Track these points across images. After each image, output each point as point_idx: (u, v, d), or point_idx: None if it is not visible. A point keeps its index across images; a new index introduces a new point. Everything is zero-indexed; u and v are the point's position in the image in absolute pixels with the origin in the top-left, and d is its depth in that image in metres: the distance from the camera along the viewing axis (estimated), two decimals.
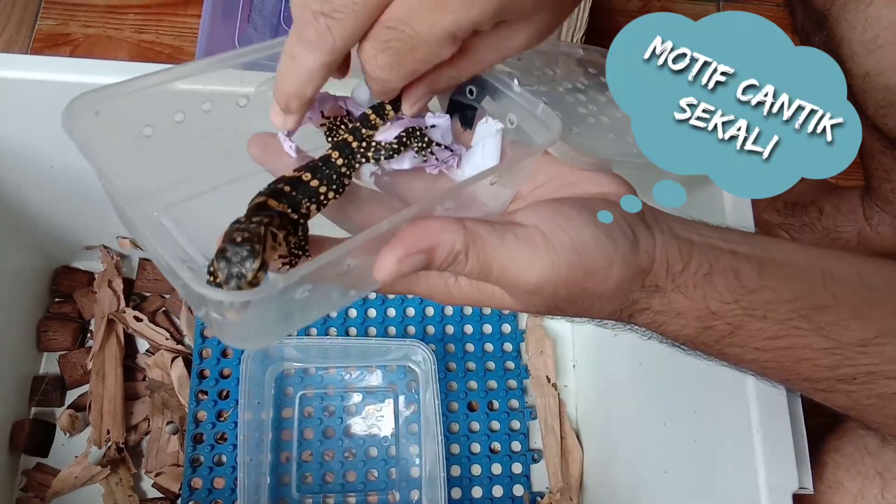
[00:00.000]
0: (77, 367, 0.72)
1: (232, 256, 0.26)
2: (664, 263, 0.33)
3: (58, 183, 0.63)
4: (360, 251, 0.29)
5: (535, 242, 0.31)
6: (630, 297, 0.33)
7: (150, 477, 0.69)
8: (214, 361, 0.73)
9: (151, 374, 0.73)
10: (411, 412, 0.74)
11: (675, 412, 0.57)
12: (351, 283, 0.31)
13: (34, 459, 0.70)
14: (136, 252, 0.76)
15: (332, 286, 0.31)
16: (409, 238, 0.29)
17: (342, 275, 0.30)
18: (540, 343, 0.79)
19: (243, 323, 0.28)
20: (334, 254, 0.27)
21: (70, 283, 0.76)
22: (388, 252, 0.29)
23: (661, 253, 0.33)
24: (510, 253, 0.30)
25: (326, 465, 0.71)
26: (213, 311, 0.27)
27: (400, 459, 0.72)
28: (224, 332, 0.29)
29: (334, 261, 0.28)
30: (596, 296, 0.32)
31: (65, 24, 0.91)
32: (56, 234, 0.73)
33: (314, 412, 0.73)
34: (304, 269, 0.27)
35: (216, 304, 0.26)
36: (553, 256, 0.31)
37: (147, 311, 0.75)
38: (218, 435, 0.71)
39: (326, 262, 0.27)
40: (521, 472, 0.73)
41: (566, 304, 0.33)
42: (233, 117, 0.35)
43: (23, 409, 0.71)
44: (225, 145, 0.35)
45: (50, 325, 0.74)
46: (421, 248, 0.29)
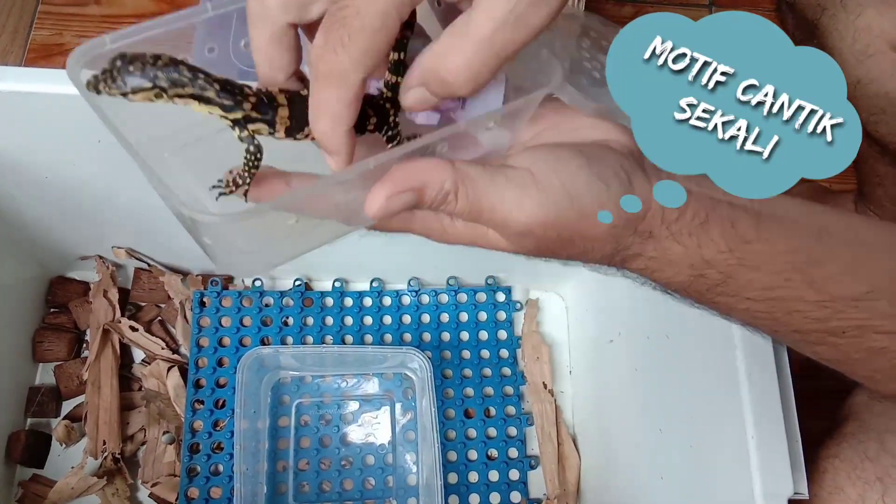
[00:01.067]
0: (73, 378, 0.72)
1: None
2: (659, 210, 0.33)
3: (52, 194, 0.63)
4: (347, 186, 0.30)
5: (525, 184, 0.31)
6: (623, 243, 0.33)
7: (146, 487, 0.69)
8: (210, 371, 0.73)
9: (147, 383, 0.72)
10: (408, 420, 0.73)
11: (671, 418, 0.57)
12: (346, 217, 0.32)
13: (30, 471, 0.70)
14: (131, 262, 0.76)
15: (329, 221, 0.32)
16: (398, 176, 0.29)
17: (337, 208, 0.31)
18: (536, 349, 0.79)
19: (236, 247, 0.29)
20: (320, 187, 0.29)
21: (65, 294, 0.76)
22: (378, 189, 0.29)
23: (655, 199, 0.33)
24: (501, 194, 0.31)
25: (323, 473, 0.71)
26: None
27: (397, 467, 0.72)
28: (219, 258, 0.30)
29: (321, 193, 0.29)
30: (588, 239, 0.33)
31: (59, 34, 0.91)
32: (51, 244, 0.73)
33: (311, 420, 0.73)
34: (287, 197, 0.28)
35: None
36: (542, 198, 0.31)
37: (142, 321, 0.75)
38: (214, 444, 0.70)
39: (310, 193, 0.29)
40: (519, 479, 0.73)
41: (558, 247, 0.33)
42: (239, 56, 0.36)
43: (19, 420, 0.71)
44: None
45: (45, 336, 0.73)
46: (411, 186, 0.29)
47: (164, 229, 0.71)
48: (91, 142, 0.55)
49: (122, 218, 0.68)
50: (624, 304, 0.68)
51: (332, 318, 0.77)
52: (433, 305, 0.79)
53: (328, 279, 0.80)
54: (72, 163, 0.59)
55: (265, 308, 0.77)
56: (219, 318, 0.75)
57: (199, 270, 0.78)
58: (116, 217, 0.68)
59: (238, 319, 0.76)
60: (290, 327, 0.76)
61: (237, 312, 0.76)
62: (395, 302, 0.79)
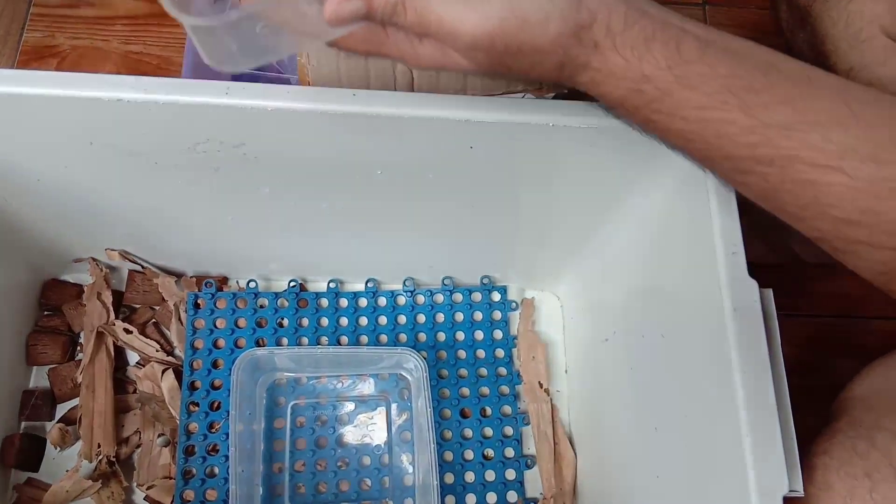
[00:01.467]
0: (67, 381, 0.72)
1: None
2: (605, 21, 0.35)
3: (45, 196, 0.63)
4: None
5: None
6: (570, 53, 0.35)
7: (141, 490, 0.69)
8: (205, 373, 0.73)
9: (142, 386, 0.72)
10: (404, 420, 0.73)
11: (667, 417, 0.57)
12: (313, 29, 0.36)
13: (25, 474, 0.69)
14: (125, 264, 0.76)
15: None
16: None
17: (299, 18, 0.35)
18: (532, 349, 0.79)
19: (219, 45, 0.35)
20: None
21: (59, 297, 0.76)
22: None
23: (603, 12, 0.35)
24: (445, 6, 0.33)
25: (319, 474, 0.71)
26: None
27: (393, 468, 0.72)
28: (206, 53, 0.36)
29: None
30: (535, 50, 0.35)
31: (52, 36, 0.91)
32: (44, 247, 0.72)
33: (306, 422, 0.73)
34: (250, 7, 0.33)
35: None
36: (485, 7, 0.33)
37: (137, 323, 0.75)
38: (209, 446, 0.70)
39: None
40: (515, 479, 0.73)
41: (510, 59, 0.36)
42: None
43: (13, 424, 0.71)
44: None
45: (39, 339, 0.73)
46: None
47: (157, 231, 0.70)
48: (83, 143, 0.54)
49: (115, 220, 0.68)
50: (618, 303, 0.68)
51: (328, 318, 0.77)
52: (428, 305, 0.79)
53: (323, 280, 0.80)
54: (64, 165, 0.58)
55: (260, 309, 0.77)
56: (213, 319, 0.75)
57: (193, 272, 0.78)
58: (109, 219, 0.68)
59: (233, 321, 0.75)
60: (286, 328, 0.76)
61: (232, 314, 0.75)
62: (390, 302, 0.79)
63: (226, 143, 0.54)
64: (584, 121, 0.51)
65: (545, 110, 0.51)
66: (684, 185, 0.54)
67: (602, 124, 0.51)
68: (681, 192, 0.55)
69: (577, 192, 0.62)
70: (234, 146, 0.55)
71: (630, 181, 0.59)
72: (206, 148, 0.55)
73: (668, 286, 0.59)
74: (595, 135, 0.52)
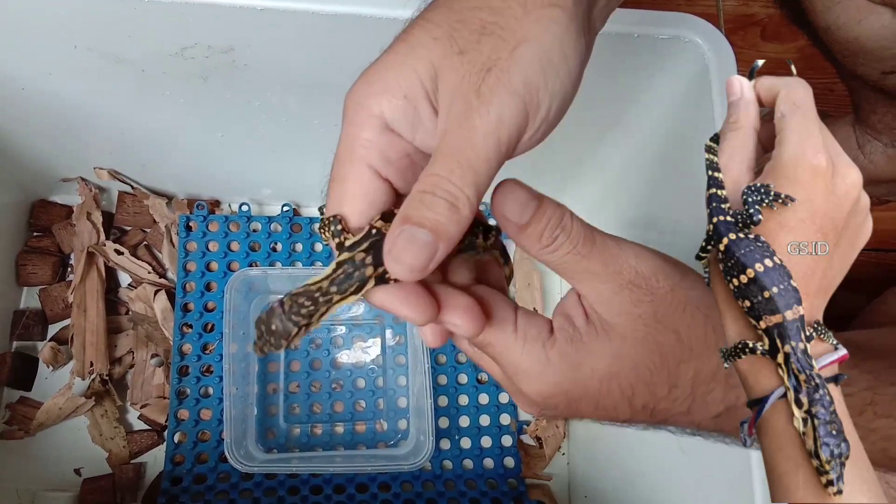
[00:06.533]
0: (58, 301, 0.71)
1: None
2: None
3: (30, 110, 0.61)
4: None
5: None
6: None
7: (135, 409, 0.69)
8: (198, 295, 0.72)
9: (134, 307, 0.72)
10: (398, 343, 0.73)
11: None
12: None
13: (17, 393, 0.69)
14: (114, 184, 0.74)
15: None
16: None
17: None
18: (528, 276, 0.78)
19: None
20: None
21: (48, 217, 0.74)
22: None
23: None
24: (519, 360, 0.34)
25: (314, 396, 0.71)
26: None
27: (387, 390, 0.72)
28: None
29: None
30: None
31: None
32: (32, 166, 0.71)
33: (301, 344, 0.72)
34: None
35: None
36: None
37: (128, 245, 0.74)
38: (204, 367, 0.70)
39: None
40: (509, 401, 0.73)
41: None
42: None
43: (4, 343, 0.70)
44: None
45: (29, 259, 0.72)
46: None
47: (146, 149, 0.69)
48: (67, 47, 0.52)
49: (103, 136, 0.66)
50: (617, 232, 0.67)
51: (322, 243, 0.76)
52: None
53: (316, 204, 0.78)
54: (48, 73, 0.56)
55: (253, 233, 0.75)
56: (206, 242, 0.74)
57: (184, 194, 0.77)
58: (97, 136, 0.66)
59: (226, 244, 0.74)
60: (279, 253, 0.75)
61: (224, 237, 0.74)
62: None
63: (214, 49, 0.53)
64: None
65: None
66: (686, 97, 0.53)
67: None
68: (685, 103, 0.54)
69: (575, 107, 0.61)
70: (222, 51, 0.53)
71: (630, 91, 0.57)
72: (194, 53, 0.53)
73: (666, 217, 0.58)
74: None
